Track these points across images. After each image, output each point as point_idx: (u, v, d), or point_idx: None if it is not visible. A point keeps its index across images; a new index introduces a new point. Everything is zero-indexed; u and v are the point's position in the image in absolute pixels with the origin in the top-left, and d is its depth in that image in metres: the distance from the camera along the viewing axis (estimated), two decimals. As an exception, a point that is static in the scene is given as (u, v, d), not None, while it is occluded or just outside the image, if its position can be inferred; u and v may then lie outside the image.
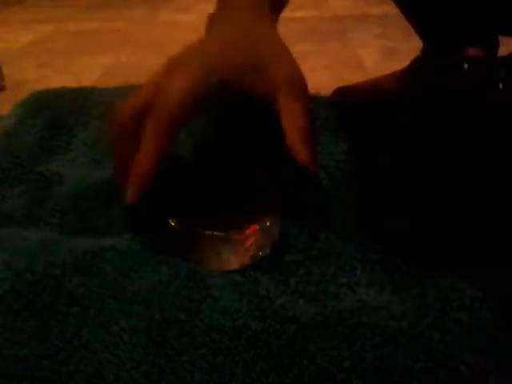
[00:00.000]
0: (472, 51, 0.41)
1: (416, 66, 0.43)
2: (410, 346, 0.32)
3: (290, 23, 1.21)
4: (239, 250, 0.39)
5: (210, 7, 0.43)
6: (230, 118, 0.49)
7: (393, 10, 0.59)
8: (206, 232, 0.38)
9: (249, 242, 0.38)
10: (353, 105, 0.59)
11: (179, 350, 0.33)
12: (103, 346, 0.33)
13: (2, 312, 0.36)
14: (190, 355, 0.33)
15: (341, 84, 0.65)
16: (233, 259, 0.39)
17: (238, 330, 0.34)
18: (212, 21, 0.43)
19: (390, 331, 0.33)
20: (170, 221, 0.39)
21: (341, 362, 0.32)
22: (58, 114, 0.61)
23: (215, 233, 0.38)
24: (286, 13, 0.45)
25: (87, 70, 0.99)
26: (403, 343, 0.33)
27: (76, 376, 0.32)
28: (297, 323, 0.34)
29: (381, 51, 0.95)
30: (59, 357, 0.33)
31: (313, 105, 0.57)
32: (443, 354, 0.32)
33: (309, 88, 0.39)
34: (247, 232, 0.38)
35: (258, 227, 0.39)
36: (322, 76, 0.85)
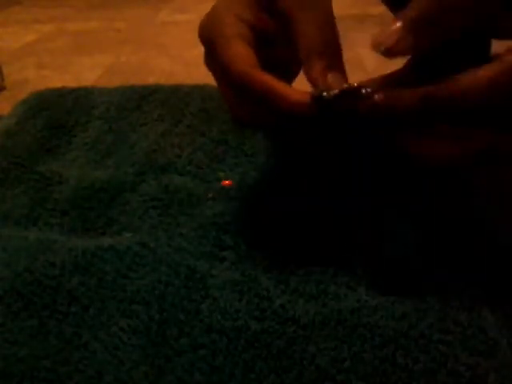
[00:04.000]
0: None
1: (406, 69, 0.42)
2: (410, 347, 0.32)
3: (290, 23, 1.20)
4: None
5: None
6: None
7: (393, 9, 0.58)
8: None
9: None
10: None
11: (178, 351, 0.33)
12: (102, 346, 0.33)
13: (2, 312, 0.36)
14: (190, 356, 0.33)
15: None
16: None
17: (238, 330, 0.34)
18: None
19: (390, 332, 0.33)
20: None
21: (341, 363, 0.32)
22: (58, 114, 0.61)
23: None
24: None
25: (87, 70, 0.99)
26: (403, 344, 0.33)
27: (75, 376, 0.32)
28: (296, 324, 0.34)
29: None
30: (58, 357, 0.33)
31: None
32: (443, 355, 0.32)
33: (306, 88, 0.39)
34: None
35: None
36: (322, 76, 0.85)
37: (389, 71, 0.44)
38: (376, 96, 0.31)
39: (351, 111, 0.32)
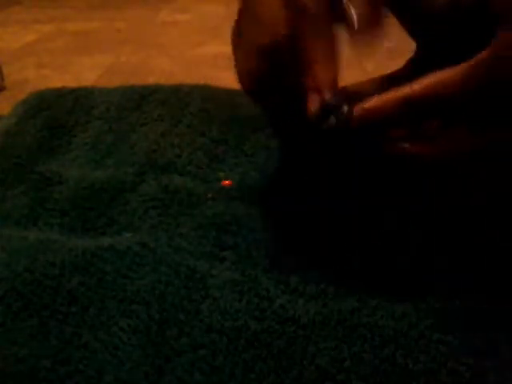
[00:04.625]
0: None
1: (406, 69, 0.43)
2: (410, 347, 0.32)
3: (290, 23, 1.20)
4: None
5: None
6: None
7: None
8: None
9: None
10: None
11: (179, 351, 0.33)
12: (103, 346, 0.33)
13: (2, 312, 0.36)
14: (190, 356, 0.33)
15: (341, 84, 0.65)
16: None
17: (238, 330, 0.34)
18: None
19: (390, 332, 0.33)
20: None
21: (340, 363, 0.32)
22: (58, 114, 0.61)
23: None
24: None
25: (87, 70, 0.99)
26: (403, 344, 0.33)
27: (75, 376, 0.32)
28: (296, 323, 0.34)
29: (381, 51, 0.94)
30: (59, 357, 0.33)
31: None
32: (443, 355, 0.32)
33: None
34: None
35: None
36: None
37: (389, 71, 0.44)
38: (355, 111, 0.33)
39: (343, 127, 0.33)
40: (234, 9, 0.42)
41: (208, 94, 0.62)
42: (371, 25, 0.36)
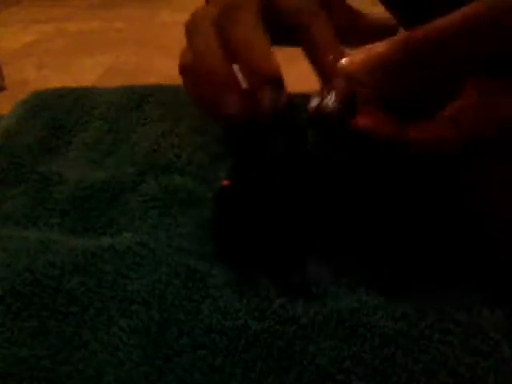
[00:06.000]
0: None
1: None
2: (410, 347, 0.32)
3: (290, 23, 1.19)
4: None
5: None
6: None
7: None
8: None
9: None
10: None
11: (179, 351, 0.33)
12: (102, 346, 0.33)
13: (2, 312, 0.36)
14: (190, 356, 0.33)
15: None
16: None
17: (238, 330, 0.34)
18: None
19: (390, 332, 0.33)
20: None
21: (340, 363, 0.32)
22: (58, 114, 0.61)
23: None
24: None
25: (87, 70, 0.99)
26: (403, 344, 0.33)
27: (75, 376, 0.32)
28: (296, 323, 0.34)
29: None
30: (58, 357, 0.33)
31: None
32: (443, 355, 0.32)
33: (308, 88, 0.39)
34: None
35: None
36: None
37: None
38: (360, 120, 0.35)
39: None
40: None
41: (208, 94, 0.62)
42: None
